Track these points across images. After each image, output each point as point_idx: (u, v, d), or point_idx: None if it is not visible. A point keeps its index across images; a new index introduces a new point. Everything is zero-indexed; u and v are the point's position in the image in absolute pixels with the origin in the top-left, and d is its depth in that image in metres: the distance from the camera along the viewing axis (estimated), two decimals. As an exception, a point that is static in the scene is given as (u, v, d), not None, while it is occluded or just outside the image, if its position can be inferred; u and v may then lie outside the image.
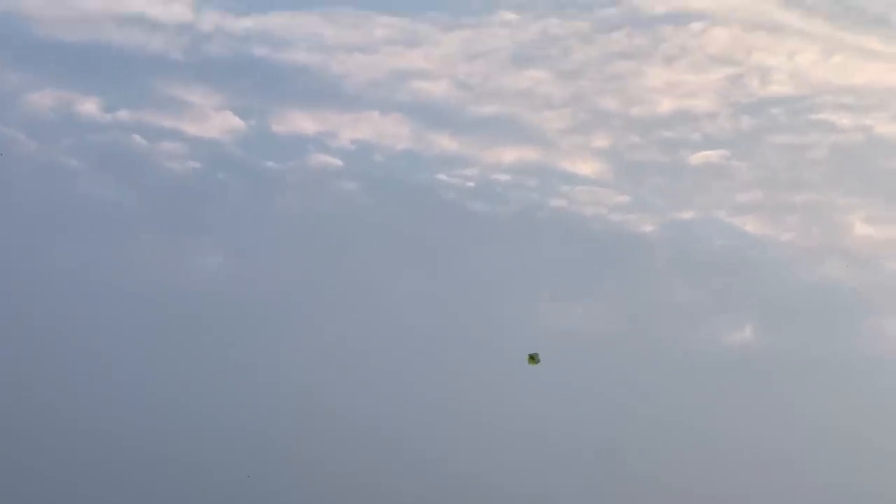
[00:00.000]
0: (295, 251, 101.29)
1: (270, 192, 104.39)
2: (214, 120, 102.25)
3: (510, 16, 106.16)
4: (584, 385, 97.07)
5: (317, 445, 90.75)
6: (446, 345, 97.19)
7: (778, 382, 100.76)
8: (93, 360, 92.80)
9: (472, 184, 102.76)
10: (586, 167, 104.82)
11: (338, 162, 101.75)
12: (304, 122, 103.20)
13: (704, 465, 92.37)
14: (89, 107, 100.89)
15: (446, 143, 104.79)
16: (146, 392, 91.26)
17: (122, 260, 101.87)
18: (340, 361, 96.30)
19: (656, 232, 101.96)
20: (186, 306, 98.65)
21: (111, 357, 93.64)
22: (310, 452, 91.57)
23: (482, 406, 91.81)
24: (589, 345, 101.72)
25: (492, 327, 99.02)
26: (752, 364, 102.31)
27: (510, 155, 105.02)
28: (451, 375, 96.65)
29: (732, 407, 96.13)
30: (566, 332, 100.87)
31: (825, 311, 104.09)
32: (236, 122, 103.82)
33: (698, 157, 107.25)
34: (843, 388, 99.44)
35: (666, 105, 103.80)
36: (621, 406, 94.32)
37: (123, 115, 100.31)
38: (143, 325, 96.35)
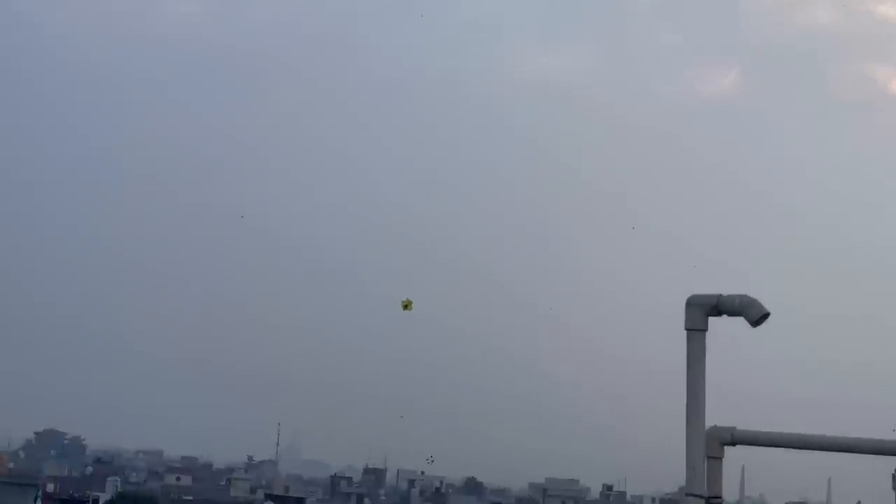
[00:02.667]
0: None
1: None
2: None
3: None
4: (574, 122, 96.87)
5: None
6: (424, 92, 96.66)
7: (762, 126, 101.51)
8: (68, 115, 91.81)
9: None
10: None
11: None
12: None
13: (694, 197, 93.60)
14: None
15: None
16: (134, 130, 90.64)
17: (96, 7, 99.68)
18: (322, 99, 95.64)
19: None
20: (162, 50, 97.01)
21: (90, 112, 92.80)
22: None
23: (464, 152, 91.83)
24: (575, 87, 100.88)
25: (478, 70, 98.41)
26: (736, 108, 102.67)
27: None
28: (429, 125, 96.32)
29: (714, 150, 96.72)
30: (551, 75, 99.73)
31: (808, 57, 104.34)
32: None
33: None
34: (816, 129, 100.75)
35: None
36: (614, 146, 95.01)
37: None
38: (122, 71, 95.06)
